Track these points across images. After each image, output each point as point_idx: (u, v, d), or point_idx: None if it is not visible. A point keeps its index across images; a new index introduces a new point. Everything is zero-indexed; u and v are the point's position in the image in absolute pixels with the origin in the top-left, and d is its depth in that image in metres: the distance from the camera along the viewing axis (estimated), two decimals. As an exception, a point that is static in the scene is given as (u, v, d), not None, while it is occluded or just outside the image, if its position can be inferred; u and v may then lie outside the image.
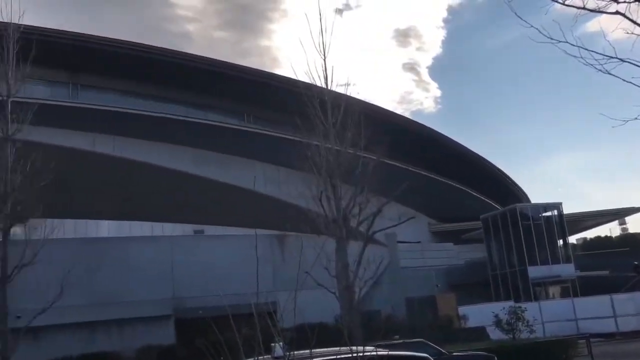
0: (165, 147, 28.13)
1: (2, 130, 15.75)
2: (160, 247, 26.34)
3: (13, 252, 15.24)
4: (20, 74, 16.48)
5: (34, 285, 17.21)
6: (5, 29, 16.29)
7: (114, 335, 23.56)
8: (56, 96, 25.99)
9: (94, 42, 26.00)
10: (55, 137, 20.29)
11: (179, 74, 28.40)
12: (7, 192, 15.09)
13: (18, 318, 16.25)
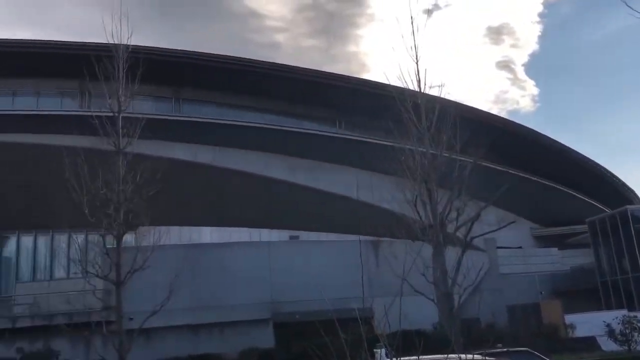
0: (262, 155, 28.99)
1: (114, 143, 16.94)
2: (258, 253, 27.14)
3: (125, 258, 16.33)
4: (129, 91, 17.68)
5: (144, 289, 18.28)
6: (116, 50, 17.54)
7: (216, 337, 24.53)
8: (161, 111, 27.61)
9: (195, 58, 27.36)
10: (161, 149, 21.55)
11: (274, 84, 29.21)
12: (119, 202, 16.19)
13: (131, 320, 17.34)
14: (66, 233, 26.91)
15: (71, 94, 28.43)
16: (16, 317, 24.37)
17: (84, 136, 19.80)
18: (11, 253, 29.18)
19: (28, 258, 29.18)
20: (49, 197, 20.88)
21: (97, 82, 18.98)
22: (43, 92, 28.25)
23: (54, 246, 29.03)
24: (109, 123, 17.01)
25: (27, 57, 26.17)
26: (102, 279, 16.40)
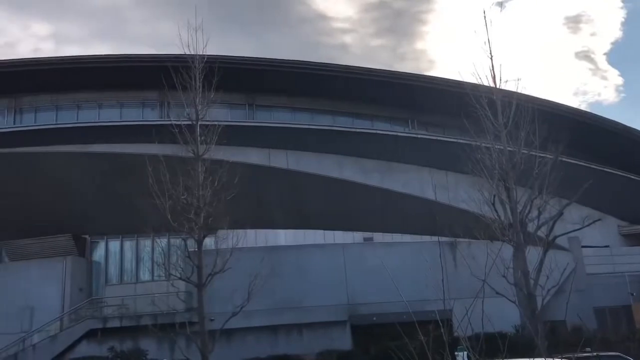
0: (334, 158, 29.10)
1: (193, 151, 17.57)
2: (332, 255, 27.29)
3: (206, 261, 16.89)
4: (206, 99, 18.29)
5: (223, 291, 18.81)
6: (192, 60, 18.20)
7: (294, 338, 24.89)
8: (235, 117, 28.35)
9: (267, 64, 27.92)
10: (237, 154, 22.06)
11: (345, 86, 29.30)
12: (199, 207, 16.76)
13: (212, 321, 17.91)
14: (150, 237, 28.19)
15: (151, 105, 29.74)
16: (107, 317, 25.78)
17: (164, 144, 20.65)
18: (100, 257, 30.90)
19: (116, 262, 30.81)
20: (134, 203, 21.93)
21: (175, 92, 19.78)
22: (126, 103, 29.71)
23: (139, 250, 30.49)
24: (187, 131, 17.66)
25: (110, 71, 27.63)
26: (185, 281, 17.02)
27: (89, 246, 30.65)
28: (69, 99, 29.53)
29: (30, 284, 27.24)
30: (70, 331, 25.30)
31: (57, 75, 27.46)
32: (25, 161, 27.21)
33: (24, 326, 25.99)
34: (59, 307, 26.91)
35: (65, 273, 27.88)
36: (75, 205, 28.10)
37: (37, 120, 29.05)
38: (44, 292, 27.02)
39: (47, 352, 23.85)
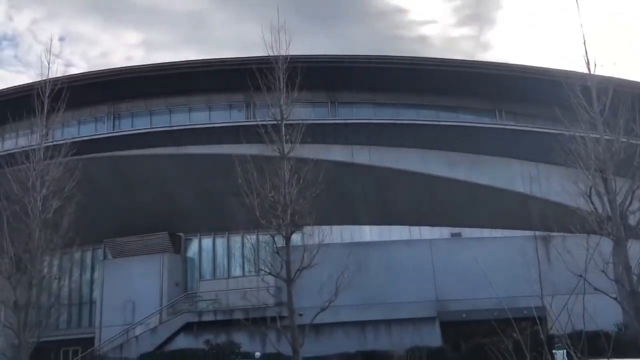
0: (419, 152, 28.71)
1: (278, 150, 17.97)
2: (420, 250, 26.98)
3: (294, 257, 17.24)
4: (290, 99, 18.64)
5: (311, 286, 19.11)
6: (276, 61, 18.61)
7: (383, 334, 24.84)
8: (318, 116, 28.67)
9: (349, 61, 28.00)
10: (321, 152, 22.31)
11: (427, 79, 28.82)
12: (286, 204, 17.13)
13: (301, 315, 18.25)
14: (240, 234, 29.15)
15: (238, 106, 30.67)
16: (202, 311, 26.94)
17: (251, 144, 21.27)
18: (194, 254, 32.32)
19: (208, 258, 32.10)
20: (224, 202, 22.79)
21: (260, 93, 20.29)
22: (214, 106, 30.85)
23: (230, 247, 31.59)
24: (273, 130, 18.09)
25: (199, 76, 28.79)
26: (274, 276, 17.46)
27: (184, 243, 32.15)
28: (162, 104, 31.09)
29: (132, 279, 28.97)
30: (169, 324, 26.67)
31: (150, 82, 28.98)
32: (124, 164, 28.98)
33: (127, 318, 27.70)
34: (157, 301, 28.45)
35: (163, 269, 29.43)
36: (170, 204, 29.58)
37: (133, 125, 30.80)
38: (143, 286, 28.66)
39: (148, 344, 25.28)
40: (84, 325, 32.13)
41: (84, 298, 32.69)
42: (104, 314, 28.77)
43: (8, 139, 32.05)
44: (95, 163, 27.31)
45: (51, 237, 18.95)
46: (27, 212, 18.67)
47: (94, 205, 27.29)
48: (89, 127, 31.29)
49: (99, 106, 31.50)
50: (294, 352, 16.17)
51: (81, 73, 29.12)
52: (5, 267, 18.69)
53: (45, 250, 19.22)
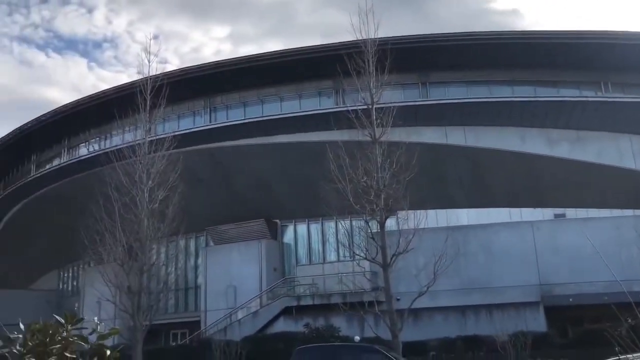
0: (516, 130, 27.51)
1: (370, 134, 17.89)
2: (521, 233, 25.95)
3: (389, 242, 17.17)
4: (379, 82, 18.46)
5: (408, 271, 18.96)
6: (365, 45, 18.47)
7: (484, 319, 24.21)
8: (408, 97, 28.15)
9: (440, 40, 27.19)
10: (412, 134, 21.98)
11: (523, 53, 27.42)
12: (379, 189, 17.06)
13: (398, 300, 18.19)
14: (333, 220, 29.39)
15: (327, 93, 30.80)
16: (300, 296, 27.54)
17: (342, 130, 21.30)
18: (290, 240, 33.04)
19: (304, 244, 32.71)
20: (317, 188, 23.04)
21: (349, 79, 20.24)
22: (303, 94, 31.17)
23: (324, 232, 31.99)
24: (363, 115, 18.02)
25: (288, 65, 29.19)
26: (370, 261, 17.48)
27: (280, 230, 32.97)
28: (254, 95, 31.86)
29: (232, 264, 30.15)
30: (268, 308, 27.51)
31: (243, 74, 29.77)
32: (221, 155, 30.10)
33: (229, 303, 28.90)
34: (256, 286, 29.42)
35: (261, 254, 30.36)
36: (266, 192, 30.39)
37: (228, 117, 31.81)
38: (243, 271, 29.74)
39: (250, 327, 26.24)
40: (190, 309, 33.90)
41: (189, 283, 34.46)
42: (208, 299, 30.16)
43: (115, 135, 34.23)
44: (195, 155, 28.55)
45: (158, 226, 20.11)
46: (135, 203, 19.90)
47: (196, 195, 28.58)
48: (188, 121, 32.70)
49: (196, 100, 32.82)
50: (393, 336, 16.16)
51: (179, 69, 30.45)
52: (118, 255, 20.08)
53: (153, 238, 20.43)
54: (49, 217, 35.45)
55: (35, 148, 39.53)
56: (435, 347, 21.83)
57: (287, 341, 21.04)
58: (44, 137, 37.56)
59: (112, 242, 20.00)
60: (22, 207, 39.00)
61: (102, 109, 31.22)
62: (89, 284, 29.25)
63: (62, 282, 44.09)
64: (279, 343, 21.55)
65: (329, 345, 17.79)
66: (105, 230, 19.96)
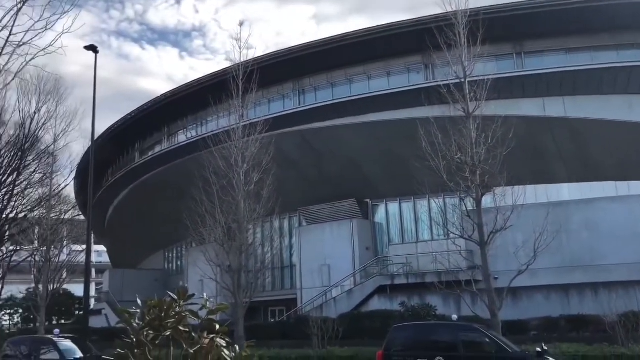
0: (620, 98, 25.66)
1: (463, 109, 17.37)
2: (630, 208, 24.37)
3: (486, 219, 16.68)
4: (472, 54, 17.83)
5: (506, 249, 18.37)
6: (456, 17, 17.87)
7: (589, 298, 23.06)
8: (503, 69, 26.94)
9: (537, 6, 25.76)
10: (508, 107, 21.13)
11: (627, 15, 25.38)
12: (474, 165, 16.56)
13: (496, 279, 17.68)
14: (426, 198, 28.98)
15: (416, 68, 30.20)
16: (394, 275, 27.53)
17: (433, 106, 20.89)
18: (382, 219, 32.99)
19: (396, 223, 32.54)
20: (409, 166, 22.76)
21: (439, 52, 19.71)
22: (392, 71, 30.75)
23: (417, 211, 31.64)
24: (456, 89, 17.51)
25: (377, 42, 28.89)
26: (466, 239, 17.09)
27: (371, 209, 33.00)
28: (342, 75, 31.86)
29: (325, 243, 30.61)
30: (362, 287, 27.74)
31: (330, 54, 29.85)
32: (310, 137, 30.47)
33: (324, 281, 29.43)
34: (349, 265, 29.70)
35: (353, 234, 30.57)
36: (356, 172, 30.46)
37: (316, 99, 32.08)
38: (336, 251, 30.12)
39: (345, 305, 26.61)
40: (286, 287, 34.91)
41: (284, 262, 35.43)
42: (303, 277, 30.88)
43: (210, 121, 35.60)
44: (286, 137, 29.11)
45: (254, 208, 20.78)
46: (233, 186, 20.65)
47: (288, 176, 29.22)
48: (278, 104, 33.33)
49: (285, 83, 33.36)
50: (492, 315, 15.78)
51: (268, 54, 30.99)
52: (218, 236, 21.00)
53: (249, 219, 21.16)
54: (154, 201, 37.64)
55: (138, 136, 41.99)
56: (537, 326, 21.10)
57: (383, 319, 21.14)
58: (145, 126, 39.80)
59: (212, 224, 20.93)
60: (129, 192, 41.69)
61: (198, 96, 32.53)
62: (192, 263, 30.83)
63: (168, 262, 46.82)
64: (375, 321, 21.70)
65: (426, 323, 17.67)
66: (206, 212, 20.92)
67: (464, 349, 13.52)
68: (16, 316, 46.10)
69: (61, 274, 30.65)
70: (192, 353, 4.63)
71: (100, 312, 39.21)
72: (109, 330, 29.18)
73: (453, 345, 13.74)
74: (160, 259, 47.07)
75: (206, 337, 4.71)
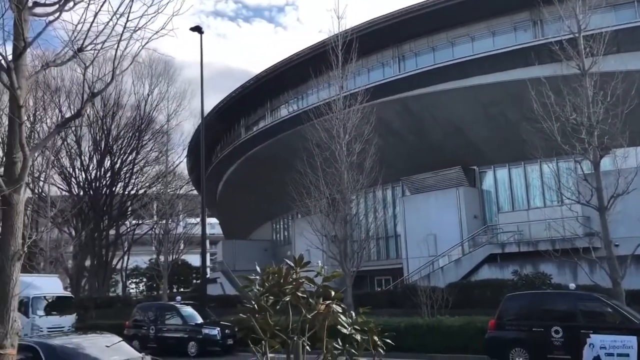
0: None
1: (578, 66, 16.21)
2: None
3: (605, 182, 15.63)
4: (587, 6, 16.53)
5: (628, 214, 17.16)
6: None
7: None
8: (623, 19, 24.74)
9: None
10: (629, 61, 19.35)
11: None
12: (591, 125, 15.49)
13: (617, 246, 16.59)
14: (537, 163, 27.61)
15: (523, 26, 28.56)
16: (504, 243, 26.66)
17: (543, 65, 19.71)
18: (489, 186, 31.89)
19: (505, 189, 31.32)
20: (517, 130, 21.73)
21: (549, 7, 18.48)
22: (496, 31, 29.29)
23: (527, 177, 30.24)
24: (569, 46, 16.37)
25: (479, 1, 27.62)
26: (583, 205, 16.13)
27: (478, 176, 31.94)
28: (443, 38, 30.85)
29: (430, 213, 30.15)
30: (471, 256, 27.12)
31: (431, 17, 28.94)
32: (412, 104, 29.90)
33: (430, 251, 29.09)
34: (456, 234, 29.09)
35: (459, 202, 29.85)
36: (461, 138, 29.58)
37: (417, 65, 31.35)
38: (442, 220, 29.58)
39: (453, 274, 26.18)
40: (391, 256, 34.93)
41: (388, 232, 35.39)
42: (408, 247, 30.71)
43: (311, 94, 36.00)
44: (387, 106, 28.81)
45: (357, 178, 20.89)
46: (335, 157, 20.85)
47: (390, 145, 29.00)
48: (377, 73, 32.98)
49: (384, 51, 32.89)
50: (614, 284, 14.87)
51: (367, 22, 30.53)
52: (323, 206, 21.40)
53: (353, 190, 21.32)
54: (260, 174, 38.96)
55: (243, 113, 43.48)
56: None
57: (494, 288, 20.61)
58: (249, 103, 41.09)
59: (316, 195, 21.34)
60: (236, 167, 43.45)
61: (298, 70, 32.96)
62: (299, 233, 31.67)
63: (275, 233, 48.49)
64: (485, 290, 21.21)
65: (542, 292, 16.99)
66: (310, 184, 21.35)
67: (583, 318, 12.89)
68: (141, 284, 50.15)
69: (179, 245, 32.79)
70: (310, 318, 4.78)
71: (216, 280, 41.48)
72: (224, 297, 30.88)
73: (571, 315, 13.15)
74: (268, 230, 48.84)
75: (322, 303, 4.84)
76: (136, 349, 10.02)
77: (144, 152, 40.45)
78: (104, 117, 38.17)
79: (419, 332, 16.22)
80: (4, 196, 6.35)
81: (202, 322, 19.48)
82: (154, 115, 39.71)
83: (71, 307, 24.11)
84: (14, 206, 6.37)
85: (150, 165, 40.79)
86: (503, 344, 13.59)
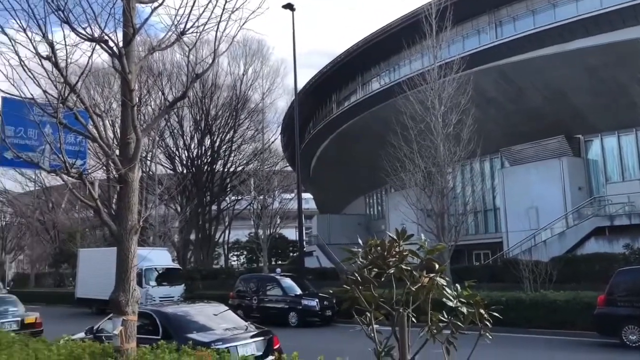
0: None
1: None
2: None
3: None
4: None
5: None
6: None
7: None
8: None
9: None
10: None
11: None
12: None
13: None
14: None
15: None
16: (612, 215, 25.10)
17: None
18: (596, 155, 30.00)
19: (614, 159, 29.35)
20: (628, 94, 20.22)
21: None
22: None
23: (638, 144, 28.12)
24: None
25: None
26: None
27: (583, 145, 30.10)
28: (543, 0, 29.06)
29: (531, 185, 28.85)
30: (576, 229, 25.77)
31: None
32: (510, 71, 28.54)
33: (531, 224, 27.94)
34: (559, 206, 27.67)
35: (563, 173, 28.32)
36: (563, 106, 27.97)
37: (516, 30, 29.79)
38: (544, 192, 28.23)
39: (557, 248, 25.03)
40: (490, 230, 33.94)
41: (487, 205, 34.31)
42: (508, 220, 29.66)
43: (403, 66, 35.36)
44: (483, 74, 27.73)
45: (454, 150, 20.39)
46: (430, 130, 20.45)
47: (488, 115, 27.98)
48: (473, 41, 31.75)
49: (479, 17, 31.57)
50: None
51: (461, -13, 29.42)
52: (419, 180, 21.13)
53: (449, 162, 20.85)
54: (353, 149, 39.05)
55: (335, 88, 43.55)
56: None
57: (603, 262, 19.54)
58: (340, 77, 41.06)
59: (411, 168, 21.10)
60: (329, 142, 43.80)
61: (389, 41, 32.43)
62: (393, 207, 31.49)
63: (368, 207, 48.57)
64: (592, 264, 20.14)
65: (658, 267, 15.89)
66: (405, 157, 21.13)
67: None
68: (242, 257, 52.24)
69: (275, 220, 33.75)
70: (414, 291, 4.76)
71: (312, 253, 42.37)
72: (320, 270, 31.47)
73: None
74: (361, 204, 49.02)
75: (426, 275, 4.80)
76: (241, 318, 10.51)
77: (241, 130, 41.77)
78: (203, 98, 39.71)
79: (522, 307, 15.76)
80: (121, 174, 6.81)
81: (301, 294, 20.04)
82: (249, 95, 40.78)
83: (179, 278, 25.71)
84: (129, 183, 6.82)
85: (247, 143, 42.10)
86: (615, 320, 12.88)
